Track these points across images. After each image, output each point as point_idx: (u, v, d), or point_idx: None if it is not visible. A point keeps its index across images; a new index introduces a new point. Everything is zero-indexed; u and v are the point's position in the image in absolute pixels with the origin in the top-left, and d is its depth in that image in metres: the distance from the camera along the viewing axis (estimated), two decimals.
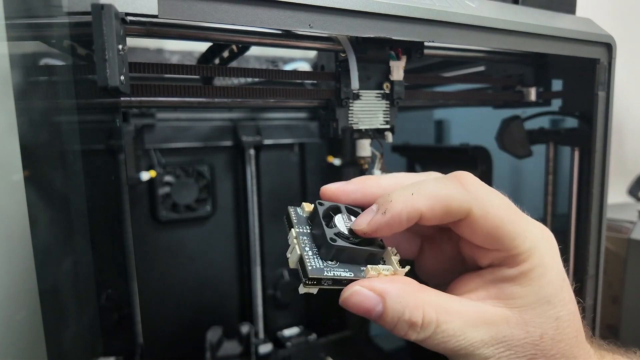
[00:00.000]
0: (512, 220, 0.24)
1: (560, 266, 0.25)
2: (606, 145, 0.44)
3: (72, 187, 0.33)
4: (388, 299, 0.23)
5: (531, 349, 0.24)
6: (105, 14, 0.22)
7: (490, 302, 0.25)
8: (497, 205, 0.24)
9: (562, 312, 0.25)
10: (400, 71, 0.39)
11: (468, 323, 0.24)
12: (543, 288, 0.24)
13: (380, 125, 0.41)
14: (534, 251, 0.24)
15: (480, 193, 0.24)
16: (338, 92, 0.38)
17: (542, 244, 0.25)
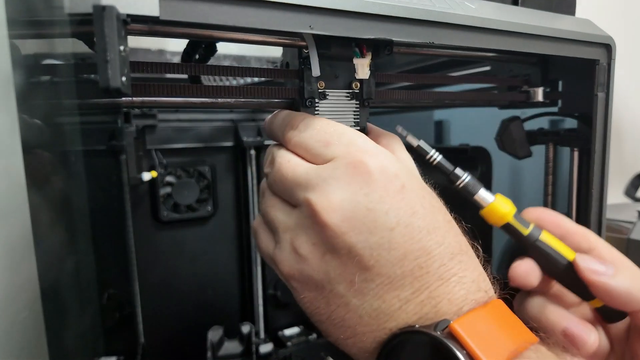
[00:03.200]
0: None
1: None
2: (605, 146, 0.44)
3: (74, 188, 0.33)
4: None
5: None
6: (106, 15, 0.22)
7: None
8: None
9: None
10: (366, 69, 0.36)
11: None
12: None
13: None
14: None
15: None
16: (301, 91, 0.36)
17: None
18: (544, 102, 0.48)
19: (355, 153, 0.27)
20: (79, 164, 0.34)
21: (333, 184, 0.27)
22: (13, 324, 0.27)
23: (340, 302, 0.27)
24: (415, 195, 0.27)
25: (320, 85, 0.36)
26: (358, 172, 0.26)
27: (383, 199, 0.26)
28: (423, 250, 0.26)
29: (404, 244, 0.26)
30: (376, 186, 0.26)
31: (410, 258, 0.26)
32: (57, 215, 0.31)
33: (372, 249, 0.26)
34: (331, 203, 0.26)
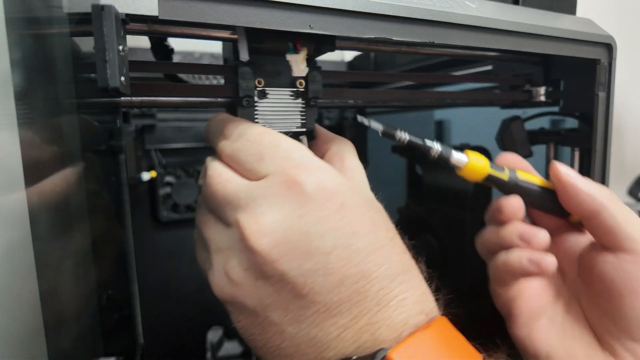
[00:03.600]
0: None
1: None
2: (606, 146, 0.44)
3: (73, 188, 0.33)
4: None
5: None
6: (105, 15, 0.22)
7: None
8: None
9: None
10: (301, 66, 0.33)
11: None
12: None
13: (296, 129, 0.36)
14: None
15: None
16: (237, 90, 0.33)
17: None
18: (546, 102, 0.48)
19: (290, 169, 0.25)
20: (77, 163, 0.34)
21: (264, 204, 0.25)
22: (11, 325, 0.27)
23: (275, 330, 0.25)
24: (355, 213, 0.25)
25: (259, 83, 0.33)
26: (292, 191, 0.25)
27: (319, 220, 0.24)
28: (362, 273, 0.24)
29: (341, 269, 0.24)
30: (312, 206, 0.24)
31: (348, 283, 0.24)
32: (56, 216, 0.31)
33: (306, 276, 0.24)
34: (261, 226, 0.24)
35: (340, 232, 0.24)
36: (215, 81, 0.64)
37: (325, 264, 0.24)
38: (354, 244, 0.25)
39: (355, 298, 0.24)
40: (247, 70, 0.33)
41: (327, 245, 0.24)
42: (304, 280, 0.24)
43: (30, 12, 0.29)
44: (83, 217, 0.35)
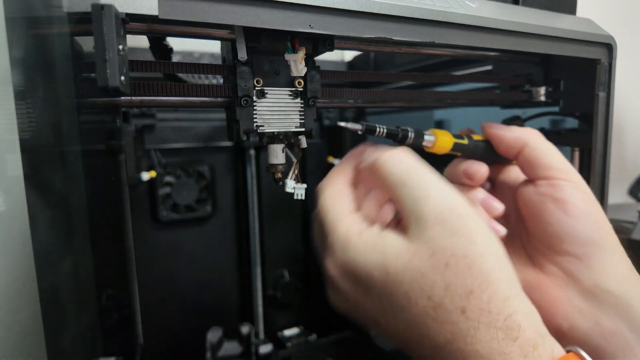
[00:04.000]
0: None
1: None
2: (606, 146, 0.44)
3: (73, 188, 0.33)
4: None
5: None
6: (105, 14, 0.22)
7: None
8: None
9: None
10: (300, 66, 0.33)
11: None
12: None
13: (295, 128, 0.36)
14: None
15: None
16: (236, 89, 0.33)
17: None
18: (546, 102, 0.48)
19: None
20: (77, 163, 0.34)
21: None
22: (11, 325, 0.27)
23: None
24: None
25: (258, 83, 0.34)
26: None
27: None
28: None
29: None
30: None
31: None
32: (55, 216, 0.31)
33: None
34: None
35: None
36: (215, 81, 0.64)
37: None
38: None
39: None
40: (246, 70, 0.33)
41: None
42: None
43: (30, 12, 0.29)
44: (83, 216, 0.35)
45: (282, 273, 0.81)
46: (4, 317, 0.27)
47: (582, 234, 0.33)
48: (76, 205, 0.33)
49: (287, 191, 0.36)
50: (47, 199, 0.29)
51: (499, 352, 0.26)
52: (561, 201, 0.34)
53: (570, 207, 0.34)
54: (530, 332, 0.27)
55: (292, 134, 0.36)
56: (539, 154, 0.36)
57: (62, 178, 0.31)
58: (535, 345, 0.26)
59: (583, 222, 0.33)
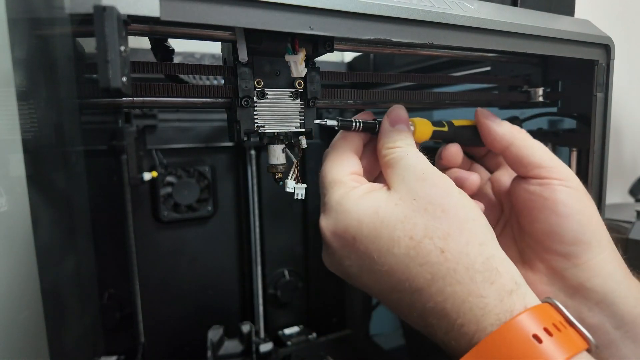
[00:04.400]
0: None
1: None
2: (604, 146, 0.44)
3: (75, 188, 0.33)
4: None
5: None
6: (107, 16, 0.22)
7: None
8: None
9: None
10: (300, 67, 0.33)
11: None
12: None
13: (295, 129, 0.36)
14: None
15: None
16: (237, 90, 0.33)
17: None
18: (544, 102, 0.48)
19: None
20: (79, 163, 0.34)
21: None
22: (13, 324, 0.27)
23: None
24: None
25: (258, 83, 0.34)
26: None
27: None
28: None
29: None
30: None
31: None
32: (58, 215, 0.31)
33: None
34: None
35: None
36: (216, 82, 0.65)
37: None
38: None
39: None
40: (246, 71, 0.33)
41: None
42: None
43: (32, 13, 0.29)
44: (85, 216, 0.35)
45: (283, 272, 0.81)
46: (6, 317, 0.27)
47: (570, 233, 0.34)
48: (78, 205, 0.34)
49: (287, 191, 0.37)
50: (50, 199, 0.30)
51: (476, 295, 0.27)
52: (550, 200, 0.34)
53: (559, 207, 0.34)
54: (506, 277, 0.28)
55: (292, 134, 0.36)
56: (527, 152, 0.37)
57: (64, 178, 0.31)
58: (511, 291, 0.27)
59: (571, 221, 0.34)
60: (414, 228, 0.29)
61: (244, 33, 0.32)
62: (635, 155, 1.18)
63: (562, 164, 0.36)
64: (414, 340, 0.85)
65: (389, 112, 0.37)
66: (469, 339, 0.27)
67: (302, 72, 0.34)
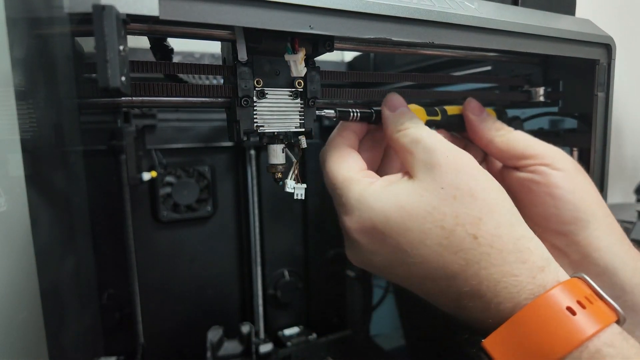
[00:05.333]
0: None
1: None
2: (605, 146, 0.44)
3: (74, 188, 0.33)
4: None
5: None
6: (106, 15, 0.22)
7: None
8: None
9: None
10: (300, 67, 0.33)
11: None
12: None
13: (295, 129, 0.36)
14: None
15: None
16: (236, 90, 0.33)
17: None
18: (545, 102, 0.48)
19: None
20: (78, 163, 0.34)
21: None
22: (13, 324, 0.27)
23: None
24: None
25: (258, 83, 0.34)
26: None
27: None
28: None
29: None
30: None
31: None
32: (56, 215, 0.31)
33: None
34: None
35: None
36: (215, 81, 0.64)
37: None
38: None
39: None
40: (246, 71, 0.33)
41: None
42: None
43: (31, 12, 0.29)
44: (84, 216, 0.35)
45: (283, 273, 0.81)
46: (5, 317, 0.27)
47: (568, 213, 0.35)
48: (77, 205, 0.33)
49: (287, 191, 0.37)
50: (49, 198, 0.29)
51: (510, 275, 0.28)
52: (543, 184, 0.36)
53: (552, 190, 0.35)
54: (537, 255, 0.28)
55: (292, 134, 0.36)
56: (508, 146, 0.38)
57: (63, 178, 0.31)
58: (542, 268, 0.28)
59: (567, 201, 0.35)
60: (445, 218, 0.29)
61: (244, 32, 0.32)
62: (636, 155, 1.18)
63: (546, 148, 0.37)
64: (414, 340, 0.85)
65: (385, 101, 0.37)
66: (505, 315, 0.27)
67: (302, 71, 0.34)
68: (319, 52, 0.34)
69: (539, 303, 0.26)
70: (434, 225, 0.29)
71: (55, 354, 0.29)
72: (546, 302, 0.26)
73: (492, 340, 0.27)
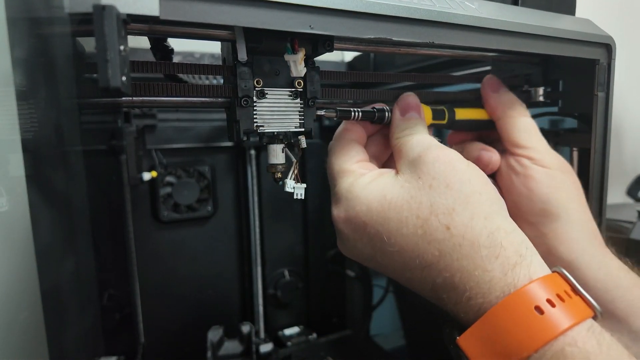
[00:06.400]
0: None
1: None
2: (605, 146, 0.44)
3: (74, 188, 0.33)
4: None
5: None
6: (106, 15, 0.22)
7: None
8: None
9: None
10: (299, 67, 0.33)
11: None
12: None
13: (295, 129, 0.36)
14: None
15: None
16: (236, 90, 0.33)
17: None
18: (545, 102, 0.48)
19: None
20: (79, 163, 0.34)
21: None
22: (13, 324, 0.27)
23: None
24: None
25: (258, 83, 0.34)
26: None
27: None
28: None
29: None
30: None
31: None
32: (57, 215, 0.31)
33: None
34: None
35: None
36: (215, 81, 0.64)
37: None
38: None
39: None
40: (246, 71, 0.33)
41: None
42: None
43: (31, 13, 0.29)
44: (84, 216, 0.35)
45: (283, 272, 0.81)
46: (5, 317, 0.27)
47: (538, 205, 0.37)
48: (78, 205, 0.33)
49: (287, 191, 0.37)
50: (49, 198, 0.30)
51: (482, 269, 0.28)
52: (522, 175, 0.38)
53: (529, 182, 0.38)
54: (510, 250, 0.28)
55: (291, 134, 0.36)
56: (510, 128, 0.40)
57: (63, 178, 0.31)
58: (514, 265, 0.28)
59: (539, 195, 0.37)
60: (420, 207, 0.30)
61: (243, 32, 0.32)
62: (636, 155, 1.18)
63: (537, 143, 0.40)
64: (414, 340, 0.85)
65: (398, 101, 0.37)
66: (476, 311, 0.27)
67: (302, 71, 0.34)
68: (319, 52, 0.34)
69: (506, 303, 0.26)
70: (411, 214, 0.30)
71: (55, 354, 0.29)
72: (515, 301, 0.26)
73: (466, 338, 0.28)
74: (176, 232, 0.72)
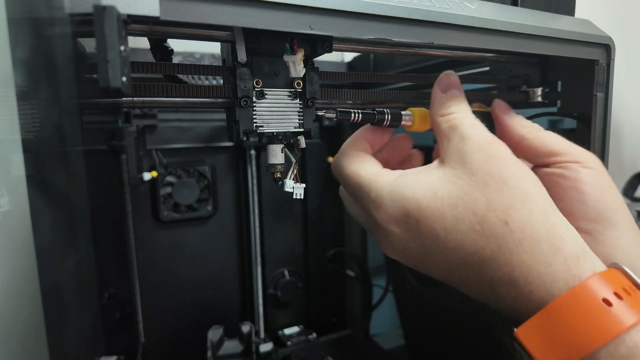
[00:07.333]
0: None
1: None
2: (605, 146, 0.44)
3: (75, 187, 0.33)
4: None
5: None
6: (107, 16, 0.22)
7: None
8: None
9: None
10: (298, 67, 0.33)
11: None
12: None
13: (294, 129, 0.36)
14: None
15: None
16: (235, 90, 0.33)
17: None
18: (544, 102, 0.48)
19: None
20: (79, 163, 0.34)
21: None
22: (14, 324, 0.27)
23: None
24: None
25: (257, 84, 0.34)
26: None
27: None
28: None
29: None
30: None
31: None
32: (57, 215, 0.31)
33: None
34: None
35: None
36: (215, 82, 0.65)
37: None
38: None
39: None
40: (245, 71, 0.33)
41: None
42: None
43: (32, 13, 0.29)
44: (85, 215, 0.35)
45: (283, 272, 0.81)
46: (6, 316, 0.27)
47: (593, 209, 0.35)
48: (78, 205, 0.34)
49: (286, 190, 0.37)
50: (50, 198, 0.30)
51: (543, 263, 0.28)
52: (572, 179, 0.35)
53: (580, 185, 0.35)
54: (571, 244, 0.28)
55: (291, 134, 0.36)
56: (540, 143, 0.38)
57: (64, 178, 0.31)
58: (577, 257, 0.28)
59: (594, 198, 0.35)
60: (475, 203, 0.29)
61: (243, 33, 0.32)
62: (635, 155, 1.18)
63: (576, 147, 0.37)
64: (414, 340, 0.85)
65: (439, 79, 0.37)
66: (537, 304, 0.27)
67: (301, 72, 0.34)
68: (318, 52, 0.34)
69: (574, 293, 0.26)
70: (466, 210, 0.29)
71: (55, 353, 0.29)
72: (581, 293, 0.26)
73: (525, 330, 0.27)
74: (176, 232, 0.72)
